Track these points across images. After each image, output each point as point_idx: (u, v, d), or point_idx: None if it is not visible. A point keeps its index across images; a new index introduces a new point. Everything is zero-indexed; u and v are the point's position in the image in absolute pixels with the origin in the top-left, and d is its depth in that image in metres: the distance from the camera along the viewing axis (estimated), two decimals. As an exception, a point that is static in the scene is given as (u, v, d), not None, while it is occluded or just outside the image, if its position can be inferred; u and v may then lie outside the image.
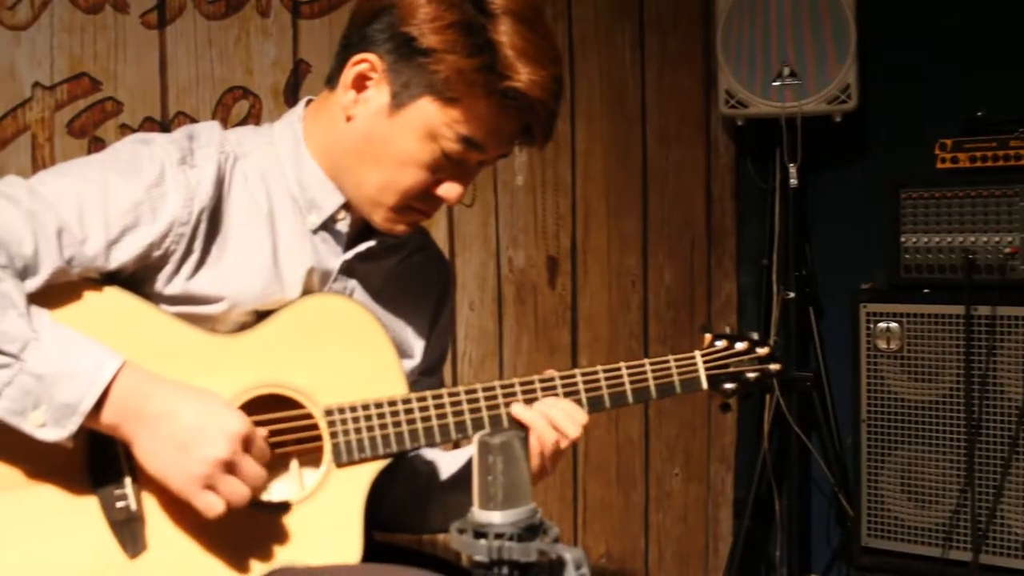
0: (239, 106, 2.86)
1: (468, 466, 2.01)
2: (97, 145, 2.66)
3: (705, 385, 2.07)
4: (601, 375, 1.98)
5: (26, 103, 2.59)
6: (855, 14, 3.50)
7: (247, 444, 1.70)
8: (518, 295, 3.48)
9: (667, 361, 2.04)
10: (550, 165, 3.50)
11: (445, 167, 1.85)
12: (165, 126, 2.73)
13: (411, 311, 2.03)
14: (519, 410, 1.90)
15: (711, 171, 4.01)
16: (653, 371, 2.02)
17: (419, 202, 1.88)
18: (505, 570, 1.39)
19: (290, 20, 2.95)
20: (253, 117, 2.86)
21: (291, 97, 2.92)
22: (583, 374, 1.97)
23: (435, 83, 1.78)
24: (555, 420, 1.89)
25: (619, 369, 2.00)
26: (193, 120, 2.79)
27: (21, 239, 1.66)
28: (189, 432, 1.67)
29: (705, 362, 2.07)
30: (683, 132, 3.91)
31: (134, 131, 2.70)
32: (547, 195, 3.53)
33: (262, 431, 1.75)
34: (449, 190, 1.86)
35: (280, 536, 1.80)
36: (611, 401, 1.98)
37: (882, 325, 3.33)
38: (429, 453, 2.11)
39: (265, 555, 1.78)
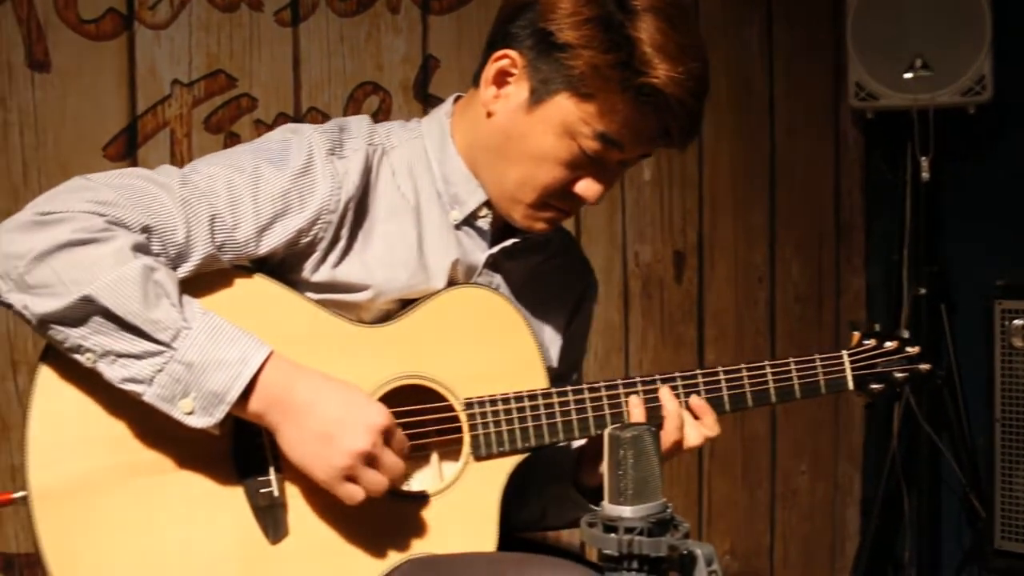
0: (369, 101, 2.90)
1: (566, 457, 2.01)
2: (232, 140, 2.73)
3: (851, 386, 2.03)
4: (744, 373, 1.96)
5: (165, 100, 2.67)
6: (990, 3, 3.42)
7: (388, 437, 1.73)
8: (644, 290, 3.48)
9: (813, 360, 2.00)
10: (677, 159, 3.49)
11: (584, 165, 1.84)
12: (298, 121, 2.78)
13: (549, 313, 2.04)
14: (666, 396, 1.90)
15: (839, 164, 3.95)
16: (798, 370, 1.99)
17: (558, 200, 1.88)
18: (635, 565, 1.40)
19: (419, 16, 2.98)
20: (383, 112, 2.90)
21: (420, 92, 2.95)
22: (726, 372, 1.95)
23: (572, 79, 1.78)
24: (694, 416, 1.89)
25: (763, 368, 1.97)
26: (325, 115, 2.84)
27: (174, 226, 1.70)
28: (332, 424, 1.70)
29: (852, 361, 2.03)
30: (811, 125, 3.86)
31: (268, 127, 2.76)
32: (674, 189, 3.52)
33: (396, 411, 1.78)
34: (587, 188, 1.86)
35: (418, 527, 1.82)
36: (753, 400, 1.96)
37: (1017, 322, 3.25)
38: None
39: (402, 545, 1.80)
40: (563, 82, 1.79)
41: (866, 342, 2.05)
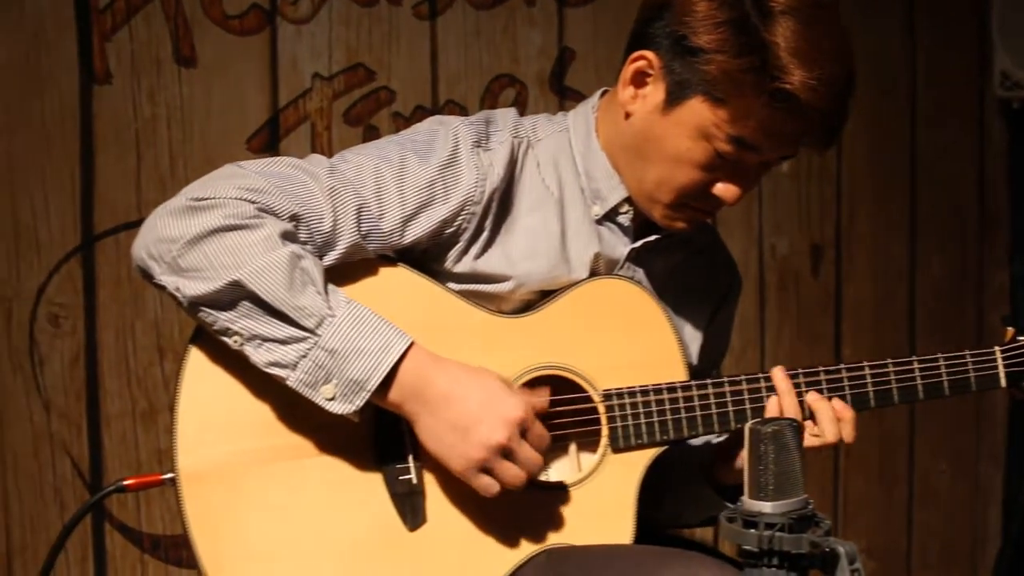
0: (506, 94, 2.91)
1: (702, 455, 1.99)
2: (371, 133, 2.77)
3: (1004, 383, 1.98)
4: (891, 369, 1.92)
5: (306, 93, 2.72)
6: None
7: (526, 430, 1.74)
8: (780, 283, 3.44)
9: (963, 356, 1.95)
10: (811, 154, 3.44)
11: (721, 167, 1.83)
12: (434, 114, 2.80)
13: (690, 309, 2.02)
14: (813, 398, 1.87)
15: (983, 155, 3.85)
16: (947, 366, 1.94)
17: (696, 201, 1.87)
18: (775, 561, 1.38)
19: (556, 8, 2.98)
20: (519, 105, 2.91)
21: (556, 85, 2.96)
22: (871, 367, 1.92)
23: (706, 83, 1.77)
24: (838, 416, 1.86)
25: (910, 363, 1.93)
26: (462, 108, 2.87)
27: (322, 215, 1.73)
28: (469, 417, 1.71)
29: (1005, 358, 1.97)
30: (954, 115, 3.77)
31: (406, 119, 2.79)
32: (811, 182, 3.47)
33: (541, 400, 1.78)
34: (725, 190, 1.84)
35: (555, 517, 1.82)
36: (900, 396, 1.92)
37: None
38: None
39: (539, 535, 1.81)
40: (698, 86, 1.77)
41: (1021, 338, 1.99)
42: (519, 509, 1.80)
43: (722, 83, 1.75)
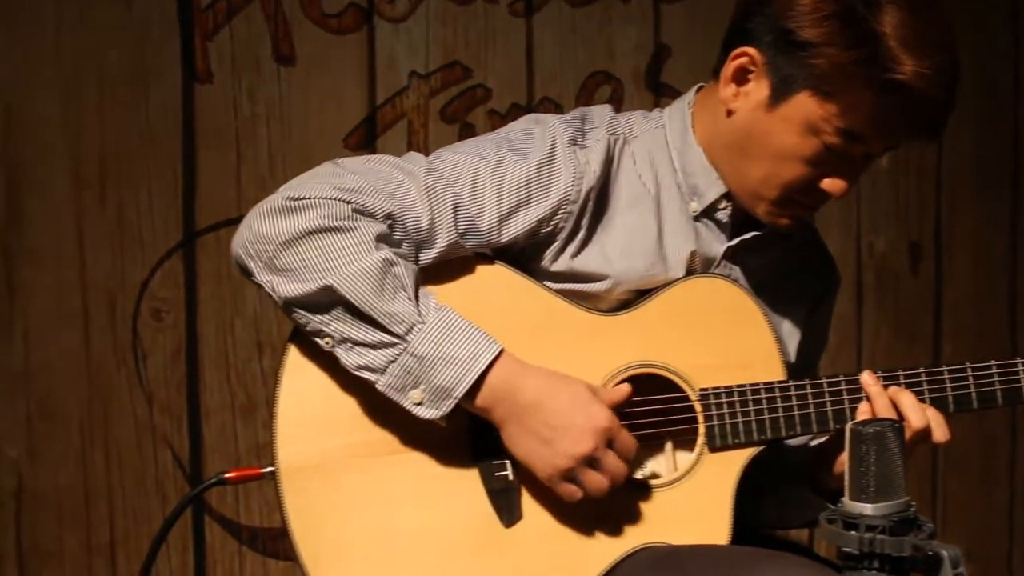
0: (601, 91, 2.91)
1: (803, 457, 1.97)
2: (467, 130, 2.78)
3: None
4: (995, 370, 1.89)
5: (403, 91, 2.74)
6: None
7: (612, 439, 1.74)
8: (878, 281, 3.39)
9: None
10: (915, 147, 3.38)
11: (827, 161, 1.81)
12: (530, 111, 2.81)
13: (788, 307, 2.00)
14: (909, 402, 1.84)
15: (1089, 152, 3.77)
16: None
17: (802, 196, 1.85)
18: (876, 564, 1.37)
19: (651, 4, 2.97)
20: (615, 101, 2.91)
21: (652, 81, 2.95)
22: (973, 368, 1.89)
23: (814, 77, 1.75)
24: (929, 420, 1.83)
25: (1015, 365, 1.89)
26: (557, 105, 2.87)
27: (419, 214, 1.74)
28: (555, 427, 1.71)
29: None
30: (1060, 110, 3.69)
31: (502, 117, 2.80)
32: (910, 178, 3.42)
33: (623, 386, 1.78)
34: (833, 184, 1.82)
35: (650, 515, 1.82)
36: (1003, 399, 1.89)
37: None
38: None
39: (636, 532, 1.80)
40: (805, 80, 1.76)
41: None
42: (616, 506, 1.79)
43: (832, 76, 1.73)
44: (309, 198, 1.70)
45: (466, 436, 1.79)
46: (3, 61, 2.56)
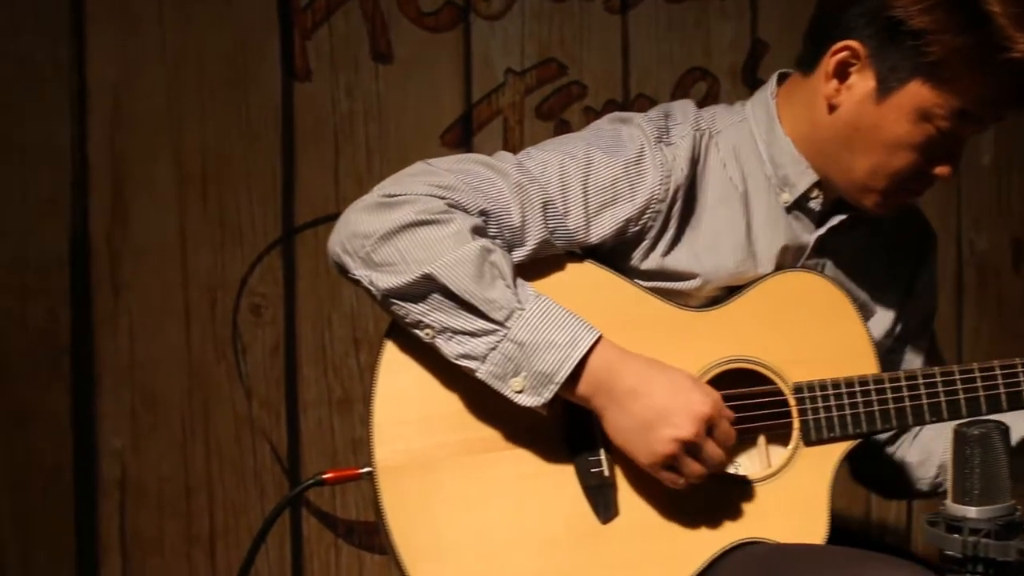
0: (697, 87, 2.89)
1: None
2: (563, 127, 2.79)
3: None
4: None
5: (499, 88, 2.75)
6: None
7: (713, 425, 1.73)
8: (979, 280, 3.33)
9: None
10: (1018, 142, 3.32)
11: (938, 145, 1.79)
12: (626, 108, 2.81)
13: (885, 278, 1.99)
14: None
15: None
16: None
17: (911, 183, 1.84)
18: (979, 568, 1.35)
19: (748, 0, 2.95)
20: (711, 98, 2.89)
21: (749, 78, 2.92)
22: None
23: (926, 65, 1.73)
24: None
25: None
26: (653, 102, 2.85)
27: (510, 211, 1.76)
28: (656, 413, 1.71)
29: None
30: None
31: (597, 114, 2.80)
32: (1013, 173, 3.35)
33: (720, 391, 1.78)
34: (943, 169, 1.82)
35: (745, 511, 1.81)
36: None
37: None
38: None
39: (730, 528, 1.80)
40: (916, 68, 1.74)
41: None
42: (711, 502, 1.80)
43: (945, 63, 1.72)
44: (404, 194, 1.72)
45: (561, 434, 1.80)
46: (109, 60, 2.61)
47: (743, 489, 1.82)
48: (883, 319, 1.99)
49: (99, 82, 2.62)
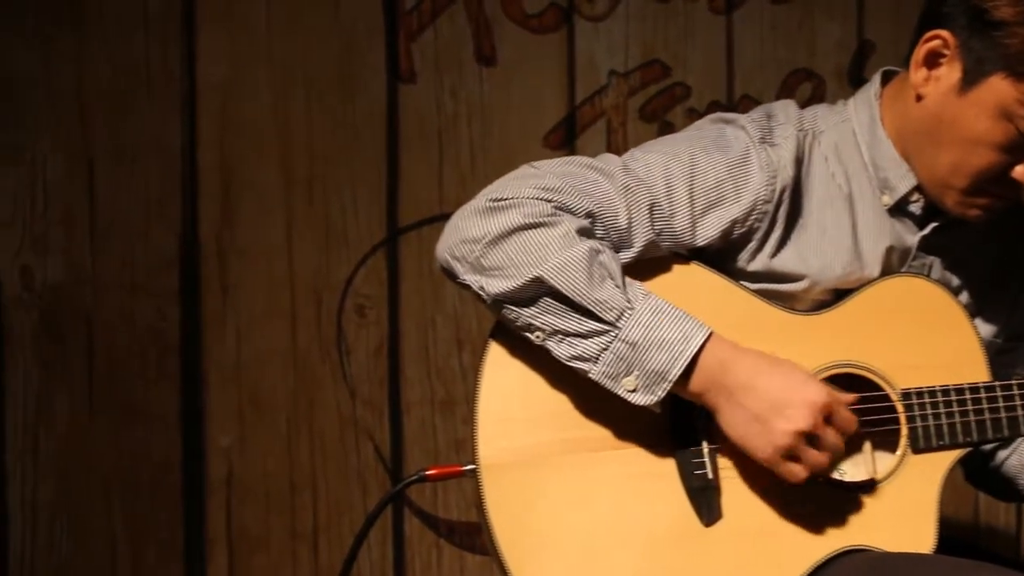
0: (802, 88, 2.86)
1: None
2: (666, 129, 2.77)
3: None
4: None
5: (602, 90, 2.75)
6: None
7: (830, 415, 1.71)
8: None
9: None
10: None
11: (1021, 148, 1.76)
12: (730, 109, 2.78)
13: (998, 273, 1.95)
14: None
15: None
16: None
17: (993, 186, 1.80)
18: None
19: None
20: (816, 99, 2.85)
21: (855, 78, 2.88)
22: None
23: (1007, 57, 1.70)
24: None
25: None
26: (757, 103, 2.82)
27: (616, 213, 1.76)
28: (771, 405, 1.70)
29: None
30: None
31: (701, 115, 2.77)
32: None
33: (846, 396, 1.76)
34: (1021, 170, 1.77)
35: (852, 518, 1.79)
36: None
37: None
38: None
39: (835, 535, 1.78)
40: (999, 62, 1.71)
41: None
42: (815, 508, 1.77)
43: None
44: (511, 198, 1.73)
45: (665, 435, 1.79)
46: (219, 63, 2.66)
47: (848, 496, 1.80)
48: (995, 316, 1.95)
49: (208, 85, 2.68)
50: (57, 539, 2.74)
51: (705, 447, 1.78)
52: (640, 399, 1.71)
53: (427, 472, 1.87)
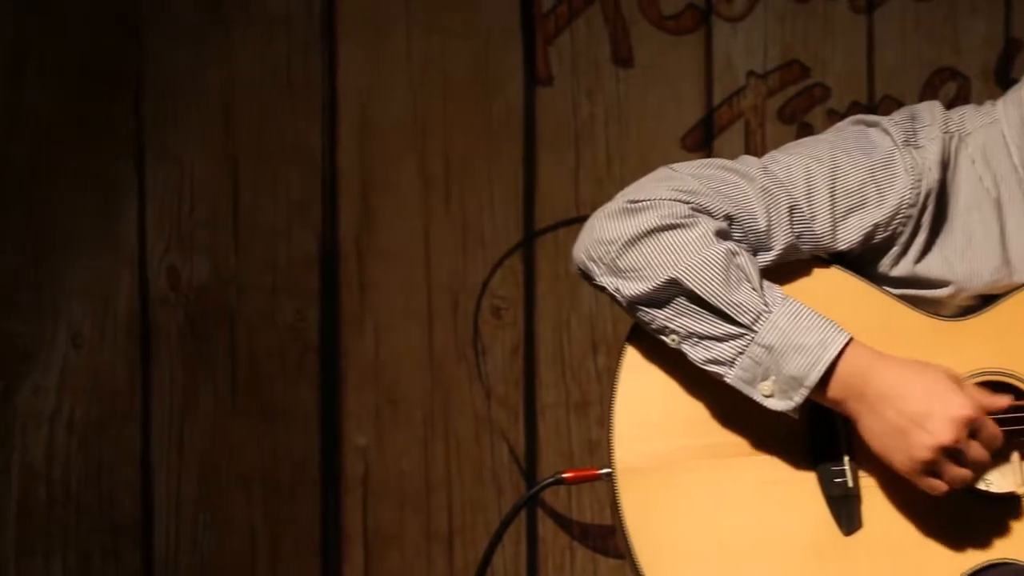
0: (946, 88, 2.81)
1: None
2: (805, 130, 2.74)
3: None
4: None
5: (740, 91, 2.73)
6: None
7: (976, 429, 1.68)
8: None
9: None
10: None
11: None
12: (871, 110, 2.75)
13: None
14: None
15: None
16: None
17: None
18: None
19: (1002, -4, 2.85)
20: (961, 100, 2.80)
21: (1003, 78, 2.82)
22: None
23: None
24: None
25: None
26: (899, 103, 2.78)
27: (755, 215, 1.74)
28: (912, 417, 1.66)
29: None
30: None
31: (840, 116, 2.74)
32: None
33: (998, 399, 1.72)
34: None
35: (999, 529, 1.74)
36: None
37: None
38: None
39: (982, 547, 1.73)
40: None
41: None
42: (960, 518, 1.73)
43: None
44: (648, 200, 1.72)
45: (805, 441, 1.77)
46: (359, 67, 2.71)
47: (996, 507, 1.75)
48: None
49: (348, 89, 2.72)
50: (199, 532, 2.81)
51: (846, 455, 1.75)
52: (776, 405, 1.69)
53: (563, 475, 1.87)
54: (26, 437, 2.80)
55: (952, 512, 1.72)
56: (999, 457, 1.79)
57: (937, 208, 1.79)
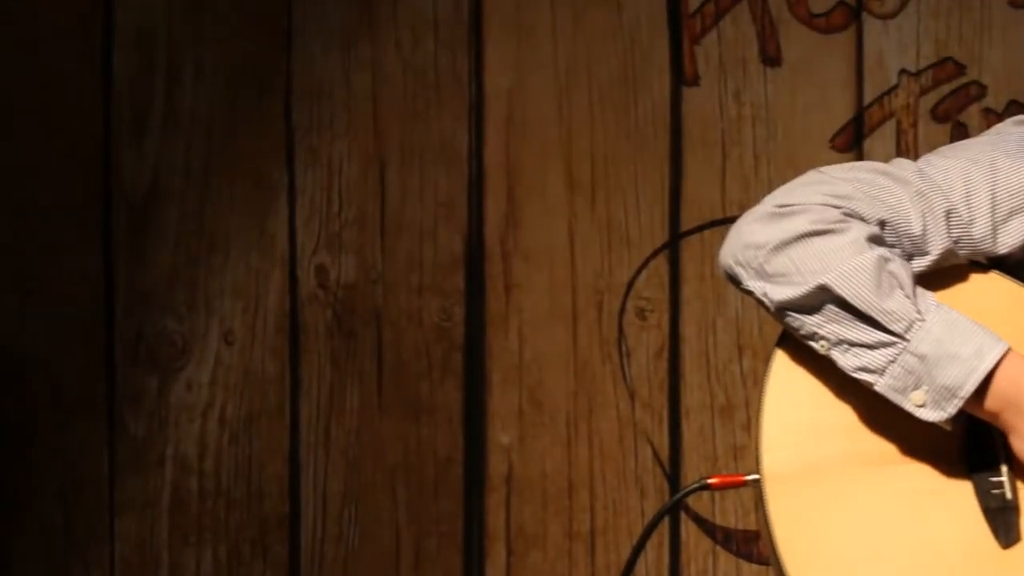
0: (1114, 86, 2.73)
1: None
2: (958, 130, 2.68)
3: None
4: None
5: (892, 90, 2.69)
6: None
7: None
8: None
9: None
10: None
11: None
12: (1031, 110, 2.67)
13: None
14: None
15: None
16: None
17: None
18: None
19: None
20: None
21: None
22: None
23: None
24: None
25: None
26: (1058, 103, 2.72)
27: (910, 220, 1.70)
28: None
29: None
30: None
31: (998, 115, 2.68)
32: None
33: None
34: None
35: None
36: None
37: None
38: None
39: None
40: None
41: None
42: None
43: None
44: (798, 204, 1.70)
45: (960, 450, 1.73)
46: (505, 68, 2.73)
47: None
48: None
49: (495, 89, 2.74)
50: (345, 528, 2.85)
51: (1004, 465, 1.71)
52: (929, 415, 1.65)
53: (709, 481, 1.85)
54: (179, 431, 2.87)
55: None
56: None
57: None
